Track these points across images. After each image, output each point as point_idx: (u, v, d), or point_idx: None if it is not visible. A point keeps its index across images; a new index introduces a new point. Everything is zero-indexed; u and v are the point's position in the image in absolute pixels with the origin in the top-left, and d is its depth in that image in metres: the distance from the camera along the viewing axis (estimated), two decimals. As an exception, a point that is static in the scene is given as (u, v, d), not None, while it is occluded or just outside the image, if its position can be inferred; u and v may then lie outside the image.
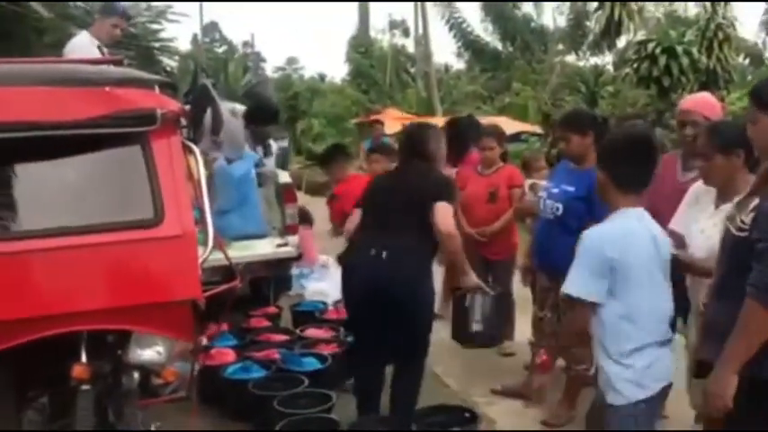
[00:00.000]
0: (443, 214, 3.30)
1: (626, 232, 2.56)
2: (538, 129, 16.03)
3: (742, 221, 2.22)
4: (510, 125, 13.60)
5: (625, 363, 2.52)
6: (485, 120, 8.34)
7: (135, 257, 2.41)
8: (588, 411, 3.02)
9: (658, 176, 3.98)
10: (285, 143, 18.19)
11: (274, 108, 5.86)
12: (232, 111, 5.25)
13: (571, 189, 3.93)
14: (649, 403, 2.57)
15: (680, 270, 2.86)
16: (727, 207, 2.91)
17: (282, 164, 18.69)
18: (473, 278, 3.52)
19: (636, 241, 2.56)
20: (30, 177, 2.57)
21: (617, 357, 2.54)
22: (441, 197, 3.33)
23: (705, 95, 4.13)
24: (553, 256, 4.04)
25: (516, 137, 13.64)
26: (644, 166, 2.67)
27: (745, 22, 34.35)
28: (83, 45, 4.54)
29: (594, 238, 2.57)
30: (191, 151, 2.72)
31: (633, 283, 2.52)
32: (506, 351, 5.16)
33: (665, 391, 2.69)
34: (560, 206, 3.96)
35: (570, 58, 24.70)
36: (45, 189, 2.55)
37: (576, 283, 2.56)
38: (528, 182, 4.78)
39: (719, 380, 2.18)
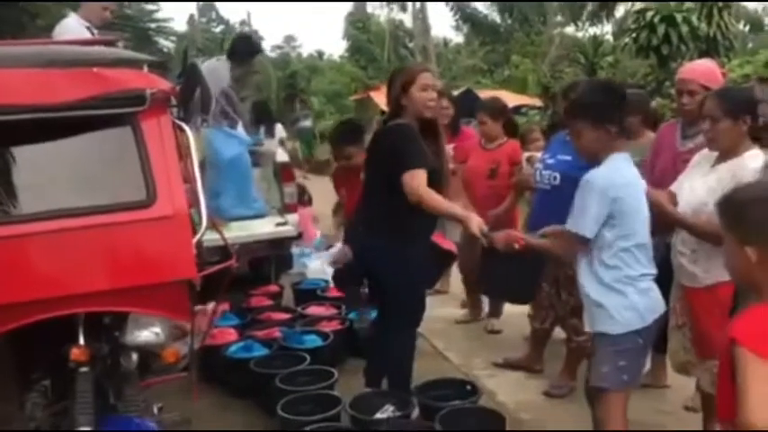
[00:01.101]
0: (407, 183, 3.20)
1: (624, 173, 2.75)
2: (538, 101, 15.95)
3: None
4: (509, 98, 13.52)
5: (624, 291, 2.68)
6: (484, 93, 8.30)
7: (128, 239, 2.40)
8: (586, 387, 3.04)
9: (658, 145, 3.97)
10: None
11: (255, 41, 5.76)
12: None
13: (568, 158, 3.90)
14: (644, 336, 2.73)
15: (656, 211, 2.93)
16: (723, 167, 2.91)
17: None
18: (470, 225, 3.16)
19: (631, 182, 2.77)
20: (20, 161, 2.56)
21: (617, 286, 2.68)
22: (405, 167, 3.22)
23: (704, 63, 4.06)
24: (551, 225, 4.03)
25: (516, 110, 13.56)
26: (620, 110, 2.83)
27: (746, -12, 33.94)
28: (71, 27, 4.50)
29: (599, 181, 2.70)
30: (182, 130, 2.70)
31: (630, 219, 2.70)
32: (494, 328, 5.17)
33: (657, 325, 2.80)
34: (557, 175, 3.94)
35: (569, 30, 24.51)
36: (36, 172, 2.54)
37: (584, 224, 2.74)
38: (525, 155, 4.75)
39: None
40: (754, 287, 1.79)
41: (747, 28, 23.95)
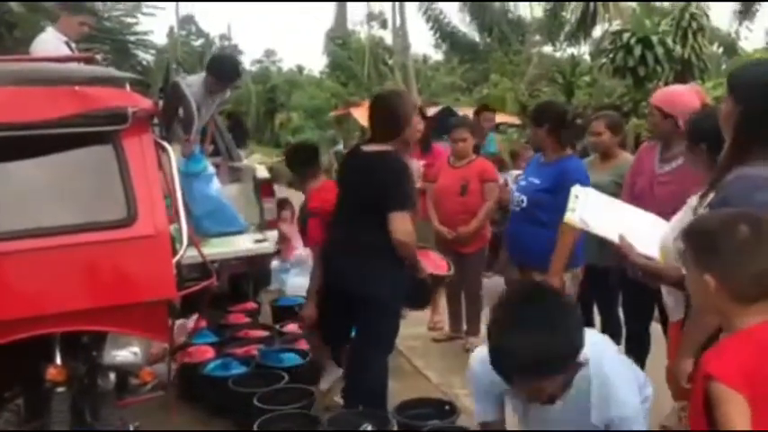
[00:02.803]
0: (396, 224, 3.27)
1: None
2: (516, 119, 16.11)
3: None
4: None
5: None
6: (463, 111, 8.38)
7: (108, 258, 2.39)
8: None
9: (636, 166, 4.04)
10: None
11: (236, 61, 5.69)
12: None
13: (536, 181, 3.96)
14: None
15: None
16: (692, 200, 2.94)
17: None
18: (424, 269, 3.53)
19: None
20: (0, 178, 2.54)
21: None
22: (393, 206, 3.29)
23: (670, 88, 4.18)
24: (521, 248, 4.08)
25: (495, 127, 13.69)
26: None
27: (718, 12, 34.63)
28: (49, 41, 4.45)
29: None
30: (163, 149, 2.70)
31: None
32: (472, 347, 5.18)
33: None
34: (525, 198, 3.99)
35: (547, 49, 24.86)
36: (15, 190, 2.52)
37: None
38: (514, 173, 4.81)
39: (677, 364, 2.41)
40: (716, 314, 1.80)
41: (721, 50, 24.44)
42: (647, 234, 2.73)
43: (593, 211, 2.89)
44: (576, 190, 3.10)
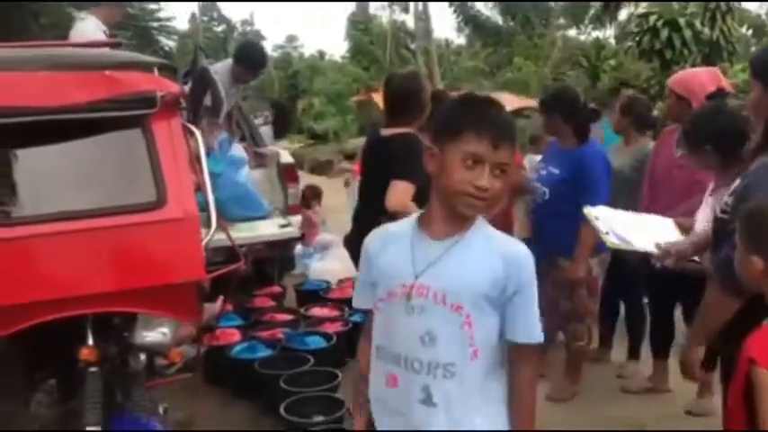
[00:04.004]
0: (391, 192, 3.18)
1: None
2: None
3: (725, 203, 2.19)
4: (511, 101, 13.56)
5: None
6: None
7: (138, 240, 2.42)
8: None
9: (658, 150, 4.00)
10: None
11: (263, 50, 5.67)
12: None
13: (556, 171, 3.92)
14: None
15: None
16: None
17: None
18: None
19: None
20: (31, 163, 2.58)
21: None
22: (398, 175, 3.20)
23: (688, 72, 4.11)
24: (547, 237, 4.06)
25: (518, 112, 13.58)
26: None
27: (749, -7, 33.91)
28: (88, 30, 4.48)
29: None
30: (191, 133, 2.72)
31: None
32: None
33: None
34: (546, 190, 3.96)
35: (572, 32, 24.55)
36: (47, 174, 2.56)
37: None
38: (535, 158, 4.75)
39: (686, 353, 2.30)
40: (763, 296, 1.81)
41: (750, 32, 23.96)
42: (659, 232, 2.91)
43: (618, 226, 2.99)
44: (590, 213, 3.15)
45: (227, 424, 3.77)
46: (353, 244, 3.61)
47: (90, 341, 2.45)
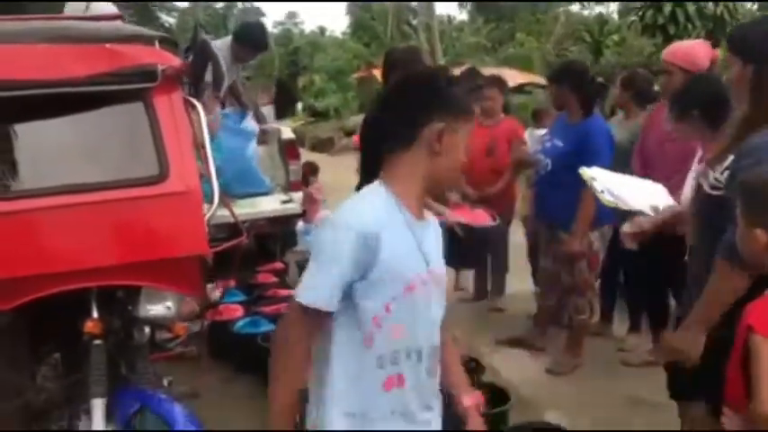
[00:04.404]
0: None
1: None
2: (541, 80, 15.87)
3: (716, 179, 2.16)
4: (514, 76, 13.47)
5: None
6: (488, 71, 8.26)
7: (141, 214, 2.42)
8: None
9: (647, 126, 4.01)
10: None
11: (264, 31, 5.64)
12: None
13: (560, 144, 3.95)
14: None
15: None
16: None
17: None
18: (447, 218, 3.35)
19: None
20: (33, 136, 2.58)
21: None
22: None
23: (687, 44, 4.08)
24: (548, 210, 4.08)
25: (520, 88, 13.52)
26: None
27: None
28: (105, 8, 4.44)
29: None
30: (193, 107, 2.71)
31: None
32: (496, 306, 5.21)
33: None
34: (549, 162, 3.97)
35: (574, 8, 24.34)
36: (49, 147, 2.56)
37: None
38: (537, 132, 4.75)
39: (687, 338, 2.11)
40: (765, 270, 1.82)
41: (756, 7, 23.71)
42: (653, 196, 2.97)
43: (613, 187, 3.06)
44: (586, 174, 3.20)
45: (230, 397, 3.80)
46: None
47: (95, 314, 2.46)
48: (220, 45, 5.16)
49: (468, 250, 3.64)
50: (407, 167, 1.58)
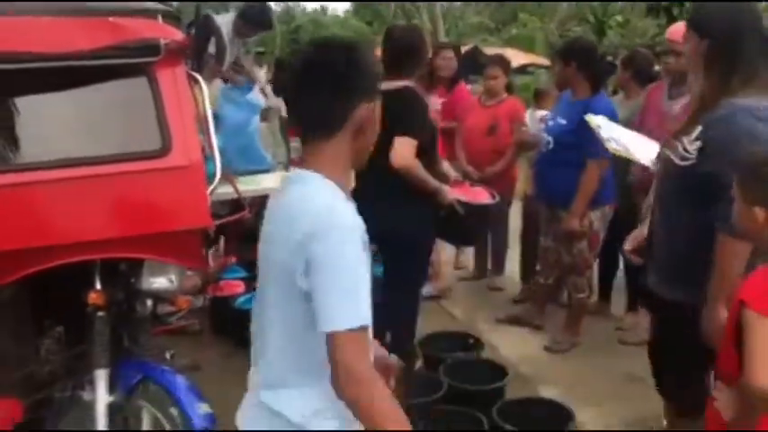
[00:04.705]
0: (397, 149, 3.13)
1: None
2: (544, 60, 15.80)
3: (685, 150, 2.18)
4: (517, 57, 13.40)
5: None
6: (491, 51, 8.24)
7: (144, 187, 2.44)
8: None
9: (645, 106, 4.02)
10: None
11: (269, 11, 5.60)
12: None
13: (563, 122, 3.94)
14: None
15: None
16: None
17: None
18: (446, 196, 3.34)
19: None
20: (36, 109, 2.58)
21: None
22: (402, 131, 3.15)
23: (682, 24, 4.07)
24: (549, 188, 4.09)
25: (523, 69, 13.46)
26: None
27: (761, -52, 33.10)
28: None
29: None
30: (196, 82, 2.71)
31: None
32: (495, 285, 5.24)
33: None
34: (551, 140, 3.98)
35: (578, -13, 24.10)
36: (52, 121, 2.56)
37: None
38: (538, 114, 4.75)
39: (711, 319, 2.11)
40: (763, 247, 1.84)
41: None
42: (653, 152, 2.89)
43: (618, 137, 3.14)
44: (592, 121, 3.26)
45: (230, 372, 3.84)
46: (355, 200, 3.60)
47: (98, 286, 2.49)
48: (222, 21, 5.15)
49: (468, 228, 3.64)
50: (337, 152, 1.51)
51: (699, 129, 2.14)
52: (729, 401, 1.77)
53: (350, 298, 1.38)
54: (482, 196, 3.68)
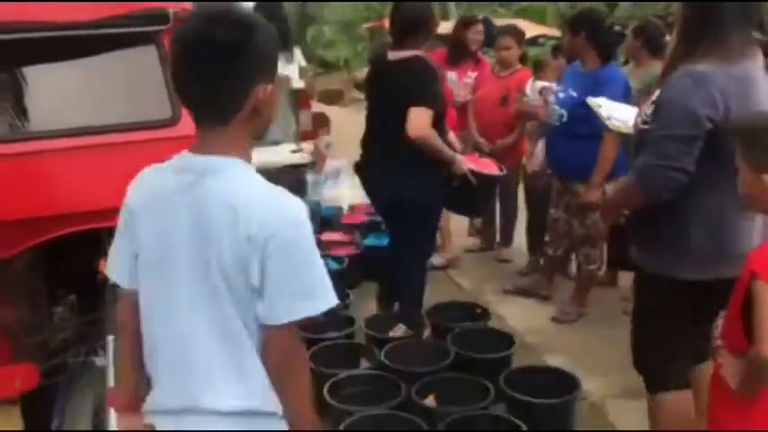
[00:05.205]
0: (413, 120, 3.15)
1: None
2: (556, 32, 15.61)
3: (646, 114, 2.23)
4: (527, 28, 13.22)
5: None
6: (501, 23, 8.14)
7: (154, 156, 2.40)
8: None
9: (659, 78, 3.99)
10: None
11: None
12: None
13: (575, 94, 3.91)
14: None
15: None
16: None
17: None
18: (460, 165, 3.40)
19: None
20: (46, 78, 2.60)
21: None
22: (416, 102, 3.18)
23: None
24: (563, 161, 4.07)
25: (533, 40, 13.30)
26: None
27: None
28: None
29: None
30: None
31: None
32: (503, 257, 5.25)
33: None
34: (564, 113, 3.95)
35: (591, -42, 23.71)
36: (61, 90, 2.58)
37: None
38: (538, 84, 4.71)
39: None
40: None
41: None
42: None
43: (618, 113, 3.19)
44: (593, 102, 3.29)
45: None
46: (363, 171, 3.62)
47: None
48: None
49: (478, 199, 3.66)
50: (236, 135, 1.36)
51: (657, 92, 2.20)
52: (736, 370, 1.78)
53: (326, 280, 1.35)
54: (491, 168, 3.69)
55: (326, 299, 1.34)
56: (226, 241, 1.30)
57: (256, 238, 1.28)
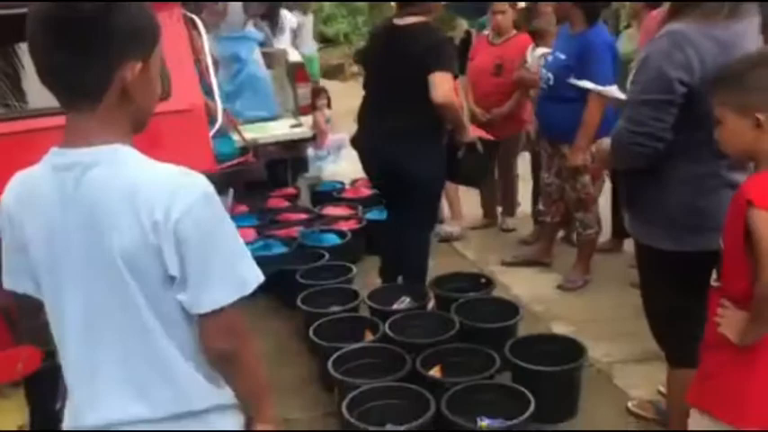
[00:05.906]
0: (438, 85, 3.10)
1: None
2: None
3: (634, 75, 2.20)
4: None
5: None
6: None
7: (146, 132, 2.41)
8: None
9: (644, 35, 3.94)
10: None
11: None
12: None
13: (562, 57, 3.87)
14: None
15: None
16: None
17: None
18: (469, 135, 3.41)
19: None
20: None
21: None
22: (435, 66, 3.12)
23: None
24: (551, 124, 4.04)
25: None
26: None
27: None
28: None
29: None
30: (193, 24, 2.67)
31: None
32: (507, 227, 5.20)
33: None
34: (551, 76, 3.90)
35: None
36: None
37: None
38: (538, 51, 4.62)
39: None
40: (755, 158, 1.76)
41: None
42: None
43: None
44: (579, 83, 3.67)
45: (248, 314, 3.88)
46: (361, 144, 3.57)
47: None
48: None
49: (477, 168, 3.62)
50: (109, 121, 1.21)
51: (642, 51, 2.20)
52: (738, 319, 1.72)
53: (249, 260, 1.26)
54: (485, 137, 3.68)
55: (254, 275, 1.25)
56: (128, 235, 1.16)
57: (163, 224, 1.15)
